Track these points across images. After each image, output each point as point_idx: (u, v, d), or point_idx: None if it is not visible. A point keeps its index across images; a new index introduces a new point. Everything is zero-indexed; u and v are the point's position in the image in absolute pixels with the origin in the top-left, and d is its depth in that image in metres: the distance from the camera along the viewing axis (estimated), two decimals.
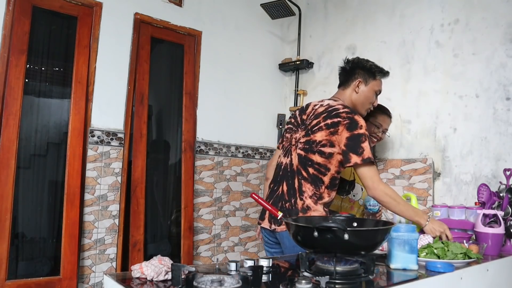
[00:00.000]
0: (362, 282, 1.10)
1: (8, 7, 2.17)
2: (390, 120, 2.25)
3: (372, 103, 1.87)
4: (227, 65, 3.10)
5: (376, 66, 1.86)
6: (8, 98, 2.16)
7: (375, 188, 1.61)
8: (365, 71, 1.83)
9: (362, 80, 1.83)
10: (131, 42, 2.61)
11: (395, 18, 2.74)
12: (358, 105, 1.85)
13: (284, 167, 1.81)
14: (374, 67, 1.85)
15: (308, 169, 1.70)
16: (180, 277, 0.96)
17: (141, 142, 2.62)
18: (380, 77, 1.86)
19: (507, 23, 2.22)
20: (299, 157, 1.74)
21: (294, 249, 1.63)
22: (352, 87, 1.84)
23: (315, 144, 1.70)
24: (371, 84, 1.83)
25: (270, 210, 1.68)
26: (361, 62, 1.86)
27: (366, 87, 1.83)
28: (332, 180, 1.72)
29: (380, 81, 1.86)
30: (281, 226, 1.71)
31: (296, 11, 3.20)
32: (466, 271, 1.36)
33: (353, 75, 1.84)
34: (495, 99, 2.24)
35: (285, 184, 1.77)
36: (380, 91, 1.88)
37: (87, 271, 2.37)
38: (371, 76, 1.83)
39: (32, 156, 2.30)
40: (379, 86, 1.86)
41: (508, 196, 1.88)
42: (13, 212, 2.13)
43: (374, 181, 1.61)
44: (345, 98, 1.84)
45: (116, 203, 2.49)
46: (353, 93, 1.84)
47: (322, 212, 1.69)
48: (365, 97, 1.84)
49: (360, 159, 1.60)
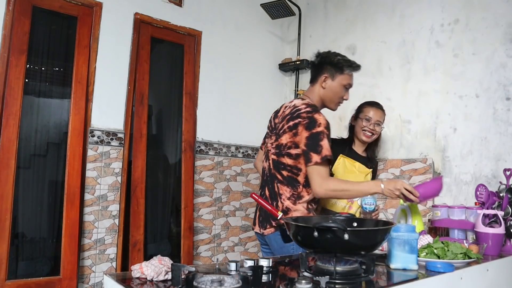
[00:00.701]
0: (362, 282, 1.10)
1: (8, 7, 2.17)
2: (381, 112, 2.27)
3: (342, 97, 1.83)
4: (227, 65, 3.10)
5: (345, 60, 1.81)
6: (8, 98, 2.16)
7: (325, 187, 1.62)
8: (332, 66, 1.79)
9: (329, 75, 1.79)
10: (131, 42, 2.61)
11: (395, 18, 2.74)
12: (327, 101, 1.83)
13: (265, 172, 1.87)
14: (342, 61, 1.79)
15: (282, 172, 1.74)
16: (180, 277, 0.96)
17: (141, 142, 2.62)
18: (349, 71, 1.80)
19: (507, 23, 2.22)
20: (273, 162, 1.79)
21: (282, 251, 1.70)
22: (319, 82, 1.81)
23: (282, 147, 1.74)
24: (339, 79, 1.79)
25: (270, 210, 1.69)
26: (329, 57, 1.81)
27: (334, 82, 1.79)
28: (307, 178, 1.72)
29: (349, 75, 1.81)
30: (267, 230, 1.74)
31: (296, 11, 3.20)
32: (466, 271, 1.36)
33: (320, 70, 1.81)
34: (495, 99, 2.24)
35: (267, 189, 1.82)
36: (350, 85, 1.83)
37: (87, 271, 2.37)
38: (338, 70, 1.78)
39: (32, 156, 2.29)
40: (348, 80, 1.81)
41: (508, 196, 1.88)
42: (13, 212, 2.13)
43: (324, 179, 1.63)
44: (314, 94, 1.83)
45: (116, 203, 2.49)
46: (320, 89, 1.81)
47: (304, 211, 1.72)
48: (333, 92, 1.80)
49: (320, 158, 1.61)
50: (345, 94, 1.83)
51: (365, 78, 2.86)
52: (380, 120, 2.25)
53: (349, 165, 2.22)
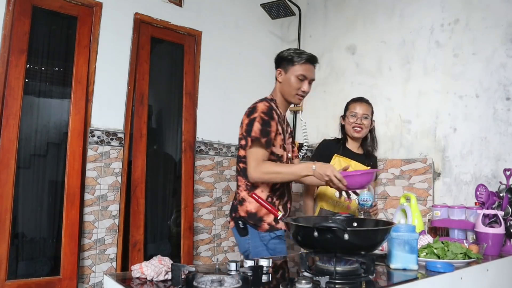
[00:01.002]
0: (362, 282, 1.10)
1: (8, 7, 2.17)
2: (366, 105, 2.30)
3: (300, 89, 1.86)
4: (227, 65, 3.10)
5: (296, 52, 1.86)
6: (8, 98, 2.16)
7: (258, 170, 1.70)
8: (284, 60, 1.87)
9: (282, 69, 1.88)
10: (131, 42, 2.61)
11: (395, 17, 2.74)
12: (285, 93, 1.89)
13: None
14: (292, 54, 1.85)
15: (239, 164, 1.86)
16: (180, 277, 0.96)
17: (141, 142, 2.62)
18: (300, 61, 1.84)
19: (507, 23, 2.22)
20: (236, 157, 1.93)
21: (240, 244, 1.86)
22: (276, 77, 1.92)
23: (238, 141, 1.86)
24: (291, 70, 1.85)
25: (270, 210, 1.71)
26: (281, 53, 1.90)
27: (287, 74, 1.86)
28: None
29: (301, 65, 1.84)
30: (230, 224, 1.90)
31: (296, 11, 3.20)
32: (466, 271, 1.36)
33: (276, 68, 1.92)
34: (495, 99, 2.24)
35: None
36: (304, 76, 1.85)
37: (87, 271, 2.37)
38: (289, 63, 1.85)
39: (32, 156, 2.29)
40: (301, 71, 1.84)
41: (508, 196, 1.88)
42: (13, 212, 2.13)
43: (259, 162, 1.70)
44: (275, 91, 1.94)
45: (116, 203, 2.49)
46: (278, 83, 1.92)
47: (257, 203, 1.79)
48: (287, 85, 1.86)
49: (250, 140, 1.71)
50: (302, 86, 1.86)
51: (365, 78, 2.87)
52: (367, 113, 2.28)
53: (345, 164, 2.23)
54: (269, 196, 1.82)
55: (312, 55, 1.87)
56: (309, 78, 1.86)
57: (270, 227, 1.79)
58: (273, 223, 1.80)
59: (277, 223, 1.80)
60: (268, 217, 1.80)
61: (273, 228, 1.80)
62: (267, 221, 1.80)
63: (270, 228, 1.79)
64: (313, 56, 1.88)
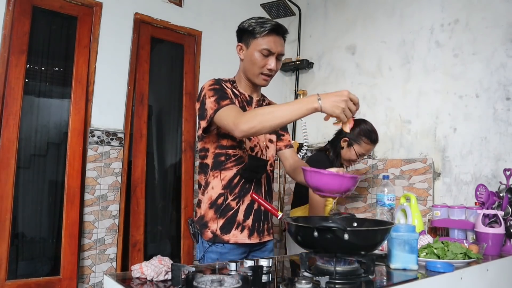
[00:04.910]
0: (362, 282, 1.10)
1: (8, 7, 2.17)
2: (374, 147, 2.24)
3: (264, 66, 1.51)
4: (227, 65, 3.09)
5: (258, 22, 1.50)
6: (8, 98, 2.16)
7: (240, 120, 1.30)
8: (245, 33, 1.52)
9: (243, 43, 1.54)
10: (131, 42, 2.61)
11: (395, 17, 2.74)
12: (248, 73, 1.54)
13: None
14: (253, 24, 1.50)
15: (199, 162, 1.60)
16: (180, 277, 0.96)
17: (141, 142, 2.62)
18: (263, 32, 1.48)
19: (508, 23, 2.22)
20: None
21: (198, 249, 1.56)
22: (238, 55, 1.58)
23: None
24: (253, 45, 1.50)
25: (270, 210, 1.68)
26: (241, 24, 1.55)
27: (248, 50, 1.52)
28: (216, 157, 1.52)
29: (264, 37, 1.48)
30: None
31: (296, 11, 3.20)
32: (466, 271, 1.36)
33: (238, 42, 1.58)
34: (495, 99, 2.24)
35: None
36: (269, 50, 1.48)
37: (87, 271, 2.37)
38: (251, 36, 1.50)
39: (32, 156, 2.30)
40: (264, 45, 1.48)
41: (508, 196, 1.87)
42: (13, 212, 2.13)
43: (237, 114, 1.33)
44: (239, 71, 1.61)
45: (116, 203, 2.49)
46: (240, 62, 1.58)
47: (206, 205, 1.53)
48: (249, 62, 1.51)
49: (209, 115, 1.40)
50: (267, 63, 1.50)
51: (365, 78, 2.87)
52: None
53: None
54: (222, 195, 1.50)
55: (278, 23, 1.51)
56: (276, 52, 1.49)
57: (213, 237, 1.48)
58: (217, 233, 1.48)
59: (222, 234, 1.49)
60: (213, 224, 1.50)
61: (216, 239, 1.48)
62: (211, 228, 1.50)
63: (213, 237, 1.48)
64: (279, 25, 1.51)
